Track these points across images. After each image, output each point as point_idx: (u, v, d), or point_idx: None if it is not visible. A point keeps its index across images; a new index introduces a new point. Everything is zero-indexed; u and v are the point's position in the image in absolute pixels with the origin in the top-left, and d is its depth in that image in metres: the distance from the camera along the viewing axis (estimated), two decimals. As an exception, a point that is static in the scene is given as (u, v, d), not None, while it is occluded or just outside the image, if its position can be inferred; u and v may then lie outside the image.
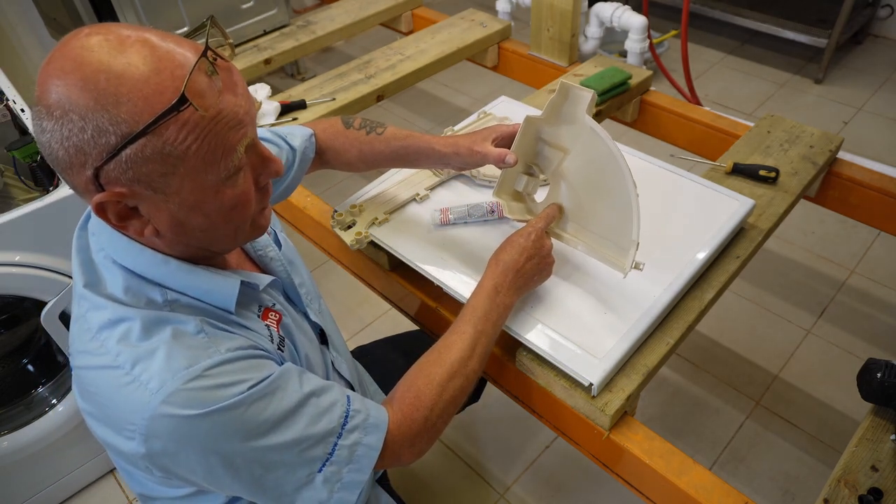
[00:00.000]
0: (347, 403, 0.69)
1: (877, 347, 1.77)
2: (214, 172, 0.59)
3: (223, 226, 0.64)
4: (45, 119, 0.55)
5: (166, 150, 0.56)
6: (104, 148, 0.55)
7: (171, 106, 0.54)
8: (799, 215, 2.03)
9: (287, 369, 0.66)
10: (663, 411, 1.68)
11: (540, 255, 0.88)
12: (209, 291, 0.67)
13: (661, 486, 0.84)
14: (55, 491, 1.53)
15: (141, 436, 0.59)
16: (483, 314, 0.82)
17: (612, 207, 0.87)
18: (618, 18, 2.46)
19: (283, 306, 0.79)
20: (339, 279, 2.08)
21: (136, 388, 0.59)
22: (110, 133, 0.54)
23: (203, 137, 0.57)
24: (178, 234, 0.63)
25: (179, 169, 0.57)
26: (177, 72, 0.55)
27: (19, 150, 1.24)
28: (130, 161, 0.55)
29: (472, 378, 0.80)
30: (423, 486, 1.57)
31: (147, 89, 0.54)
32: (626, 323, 0.89)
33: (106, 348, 0.61)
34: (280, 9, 1.90)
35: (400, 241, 1.04)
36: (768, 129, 1.32)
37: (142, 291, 0.64)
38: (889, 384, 0.85)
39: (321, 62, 3.19)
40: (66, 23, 1.77)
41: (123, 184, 0.57)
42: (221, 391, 0.60)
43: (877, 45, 3.06)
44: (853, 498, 0.79)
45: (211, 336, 0.63)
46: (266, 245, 0.84)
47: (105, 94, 0.53)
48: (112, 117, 0.54)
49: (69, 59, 0.54)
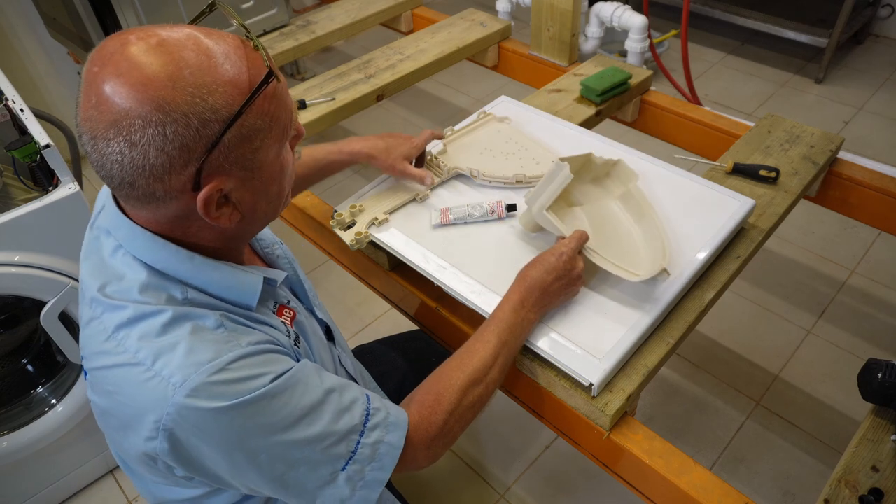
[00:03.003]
0: (367, 402, 0.69)
1: (877, 347, 1.77)
2: (285, 138, 0.64)
3: (284, 191, 0.68)
4: (138, 131, 0.54)
5: (257, 125, 0.59)
6: (209, 138, 0.56)
7: (263, 80, 0.58)
8: (799, 215, 2.03)
9: (305, 364, 0.66)
10: (663, 411, 1.67)
11: (570, 277, 0.88)
12: (231, 287, 0.67)
13: (661, 486, 0.84)
14: (55, 491, 1.53)
15: (164, 432, 0.59)
16: (507, 326, 0.82)
17: (632, 236, 0.98)
18: (618, 18, 2.46)
19: (295, 303, 0.79)
20: (339, 279, 2.08)
21: (159, 382, 0.59)
22: (213, 122, 0.56)
23: (279, 105, 0.61)
24: (256, 213, 0.66)
25: (266, 140, 0.61)
26: (240, 51, 0.59)
27: (19, 150, 1.24)
28: (231, 145, 0.58)
29: (491, 387, 0.80)
30: (423, 485, 1.57)
31: (228, 74, 0.57)
32: (627, 323, 0.89)
33: (124, 346, 0.61)
34: (280, 8, 1.90)
35: (400, 241, 1.03)
36: (768, 128, 1.32)
37: (162, 288, 0.64)
38: (889, 384, 0.85)
39: (321, 62, 3.18)
40: (66, 23, 1.76)
41: (224, 170, 0.59)
42: (245, 384, 0.60)
43: (877, 45, 3.06)
44: (854, 498, 0.79)
45: (230, 330, 0.63)
46: (273, 242, 0.85)
47: (198, 86, 0.55)
48: (210, 106, 0.55)
49: (136, 69, 0.54)
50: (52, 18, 1.88)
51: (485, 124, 1.25)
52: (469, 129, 1.24)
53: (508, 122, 1.26)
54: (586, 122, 1.40)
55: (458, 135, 1.22)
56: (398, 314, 1.17)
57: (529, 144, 1.19)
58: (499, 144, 1.19)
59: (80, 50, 1.81)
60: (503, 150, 1.18)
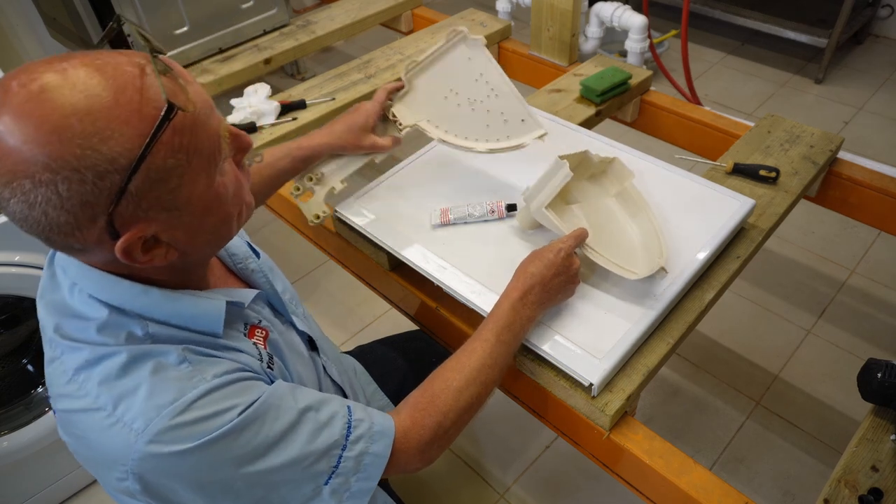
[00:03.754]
0: (349, 414, 0.68)
1: (877, 347, 1.77)
2: (213, 166, 0.58)
3: (230, 215, 0.63)
4: (30, 192, 0.50)
5: (169, 164, 0.54)
6: (110, 190, 0.51)
7: (162, 118, 0.51)
8: (799, 215, 2.03)
9: (278, 387, 0.64)
10: (663, 411, 1.67)
11: (567, 274, 0.86)
12: (194, 317, 0.64)
13: (661, 486, 0.84)
14: (55, 491, 1.53)
15: (134, 475, 0.58)
16: (506, 324, 0.81)
17: (627, 233, 0.96)
18: (618, 18, 2.46)
19: (269, 321, 0.76)
20: (339, 279, 2.08)
21: (121, 429, 0.57)
22: (111, 173, 0.50)
23: (195, 135, 0.55)
24: (196, 245, 0.62)
25: (185, 176, 0.55)
26: (138, 83, 0.52)
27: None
28: (140, 191, 0.53)
29: (489, 387, 0.79)
30: (422, 485, 1.57)
31: (123, 113, 0.51)
32: (626, 323, 0.89)
33: (85, 390, 0.59)
34: (280, 8, 1.89)
35: (400, 241, 1.04)
36: (768, 129, 1.32)
37: (121, 326, 0.61)
38: (889, 384, 0.85)
39: (321, 62, 3.18)
40: (66, 23, 1.76)
41: (140, 217, 0.54)
42: (210, 422, 0.58)
43: (877, 45, 3.06)
44: (853, 498, 0.79)
45: (195, 364, 0.61)
46: (246, 257, 0.81)
47: (87, 136, 0.49)
48: (105, 155, 0.50)
49: (17, 124, 0.49)
50: (52, 18, 1.88)
51: (452, 48, 1.05)
52: (435, 55, 1.06)
53: (481, 44, 1.03)
54: (586, 123, 1.40)
55: (421, 66, 1.06)
56: (398, 314, 1.17)
57: (501, 88, 1.03)
58: (467, 84, 1.04)
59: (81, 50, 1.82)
60: (470, 96, 1.04)
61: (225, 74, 1.70)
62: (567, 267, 0.86)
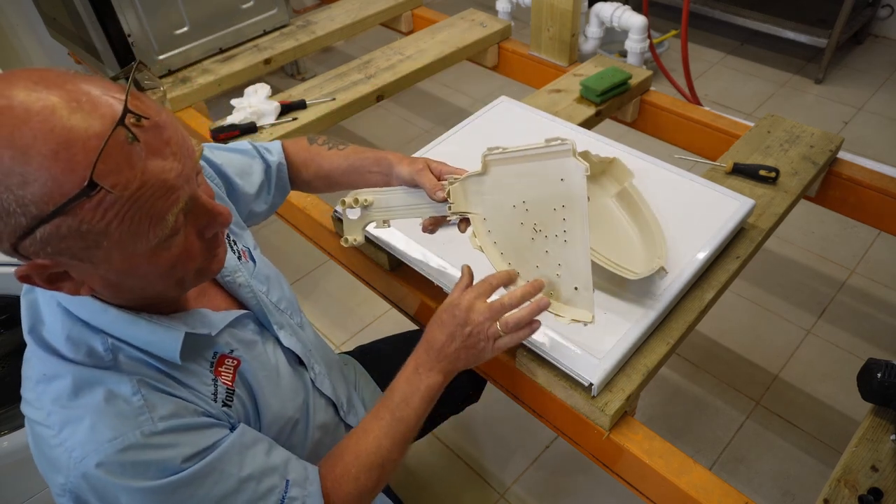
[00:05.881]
0: (286, 489, 0.67)
1: (877, 347, 1.77)
2: (144, 242, 0.55)
3: (163, 282, 0.61)
4: None
5: (83, 229, 0.51)
6: (15, 227, 0.50)
7: (80, 192, 0.49)
8: (799, 215, 2.03)
9: (229, 449, 0.63)
10: (663, 411, 1.68)
11: (464, 335, 0.76)
12: (150, 343, 0.63)
13: (661, 486, 0.84)
14: (55, 491, 1.53)
15: (70, 493, 0.58)
16: (402, 399, 0.77)
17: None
18: (618, 18, 2.46)
19: (246, 346, 0.74)
20: (339, 279, 2.08)
21: (62, 452, 0.58)
22: (18, 214, 0.49)
23: (124, 214, 0.52)
24: (115, 293, 0.60)
25: (103, 243, 0.53)
26: (90, 143, 0.49)
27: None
28: (46, 239, 0.51)
29: (392, 465, 0.77)
30: (422, 486, 1.57)
31: (56, 167, 0.48)
32: (626, 323, 0.89)
33: (41, 403, 0.60)
34: (280, 9, 1.90)
35: (400, 241, 1.04)
36: (768, 129, 1.32)
37: (83, 339, 0.61)
38: (889, 384, 0.85)
39: (321, 62, 3.18)
40: (66, 23, 1.76)
41: (44, 257, 0.53)
42: (148, 469, 0.58)
43: (877, 45, 3.06)
44: (853, 498, 0.79)
45: (147, 399, 0.60)
46: (234, 270, 0.78)
47: (10, 174, 0.48)
48: (18, 199, 0.48)
49: None
50: (52, 18, 1.88)
51: (549, 157, 0.76)
52: (526, 153, 0.78)
53: (583, 172, 0.74)
54: (586, 123, 1.40)
55: (506, 155, 0.80)
56: (398, 314, 1.17)
57: (575, 234, 0.77)
58: (543, 207, 0.79)
59: (81, 50, 1.81)
60: (539, 222, 0.80)
61: (225, 74, 1.70)
62: (462, 326, 0.76)
